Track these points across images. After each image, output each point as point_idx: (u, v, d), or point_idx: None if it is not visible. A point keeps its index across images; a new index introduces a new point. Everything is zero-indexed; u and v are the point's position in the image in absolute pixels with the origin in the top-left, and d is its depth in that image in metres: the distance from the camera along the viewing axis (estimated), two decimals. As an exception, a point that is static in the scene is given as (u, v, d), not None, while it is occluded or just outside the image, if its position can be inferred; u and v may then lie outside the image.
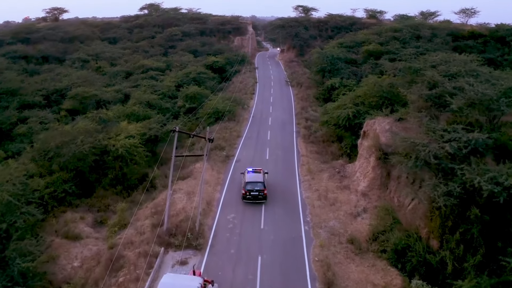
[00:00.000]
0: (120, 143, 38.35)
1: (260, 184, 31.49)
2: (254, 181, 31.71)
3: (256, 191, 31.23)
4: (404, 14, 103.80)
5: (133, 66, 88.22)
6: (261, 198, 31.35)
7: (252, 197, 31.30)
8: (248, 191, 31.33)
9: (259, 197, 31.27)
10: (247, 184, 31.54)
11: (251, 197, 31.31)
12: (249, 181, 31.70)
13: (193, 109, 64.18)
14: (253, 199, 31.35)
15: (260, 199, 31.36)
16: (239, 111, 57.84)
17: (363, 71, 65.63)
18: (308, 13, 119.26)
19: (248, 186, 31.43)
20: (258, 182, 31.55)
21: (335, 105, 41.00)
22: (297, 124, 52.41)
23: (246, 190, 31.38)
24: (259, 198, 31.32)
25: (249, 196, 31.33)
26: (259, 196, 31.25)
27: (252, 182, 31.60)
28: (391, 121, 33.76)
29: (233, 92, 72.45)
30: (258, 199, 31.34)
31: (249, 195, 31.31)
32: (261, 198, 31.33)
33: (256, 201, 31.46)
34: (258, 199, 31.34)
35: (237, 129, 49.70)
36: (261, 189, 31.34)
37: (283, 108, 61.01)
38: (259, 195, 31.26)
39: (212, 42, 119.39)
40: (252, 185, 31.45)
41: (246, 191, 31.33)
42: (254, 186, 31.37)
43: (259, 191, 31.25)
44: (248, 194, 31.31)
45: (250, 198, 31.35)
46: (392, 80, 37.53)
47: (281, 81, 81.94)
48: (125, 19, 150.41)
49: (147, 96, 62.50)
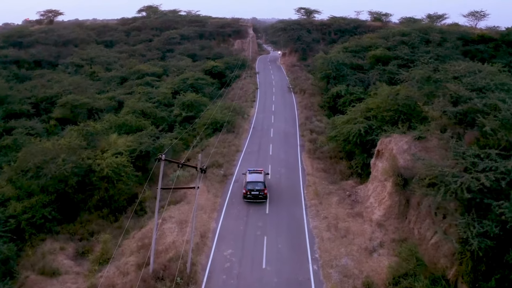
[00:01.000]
0: (106, 162, 34.60)
1: (261, 184, 32.33)
2: (254, 181, 32.58)
3: (257, 190, 32.08)
4: (410, 17, 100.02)
5: (128, 71, 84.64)
6: (261, 198, 32.14)
7: (253, 197, 32.11)
8: (248, 191, 32.12)
9: (260, 197, 32.11)
10: (248, 184, 32.41)
11: (251, 196, 32.10)
12: (250, 181, 32.60)
13: (190, 117, 60.61)
14: (254, 198, 32.12)
15: (260, 198, 32.12)
16: (238, 121, 54.07)
17: (371, 78, 61.86)
18: (311, 16, 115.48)
19: (249, 185, 32.26)
20: (259, 182, 32.40)
21: (345, 119, 37.08)
22: (301, 136, 48.61)
23: (247, 189, 32.18)
24: (260, 198, 32.11)
25: (249, 196, 32.12)
26: (260, 196, 32.10)
27: (253, 182, 32.46)
28: (409, 140, 29.93)
29: (232, 99, 68.73)
30: (258, 199, 32.10)
31: (250, 195, 32.10)
32: (262, 197, 32.16)
33: (257, 200, 32.15)
34: (258, 199, 32.10)
35: (236, 143, 45.89)
36: (261, 189, 32.14)
37: (286, 117, 57.22)
38: (260, 195, 32.07)
39: (211, 46, 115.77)
40: (253, 184, 32.29)
41: (247, 191, 32.15)
42: (255, 186, 32.20)
43: (259, 191, 32.07)
44: (248, 194, 32.12)
45: (251, 198, 32.13)
46: (409, 92, 33.60)
47: (283, 87, 78.16)
48: (122, 21, 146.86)
49: (141, 104, 58.87)
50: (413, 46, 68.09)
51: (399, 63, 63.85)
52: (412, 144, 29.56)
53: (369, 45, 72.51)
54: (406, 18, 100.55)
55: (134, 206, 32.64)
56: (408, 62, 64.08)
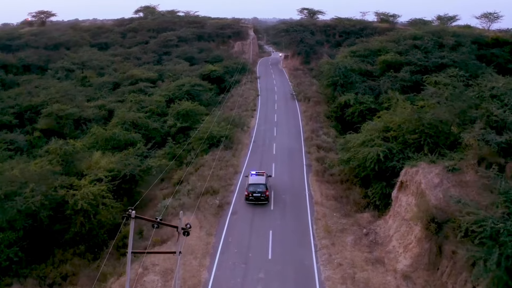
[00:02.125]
0: (81, 193, 29.72)
1: (262, 186, 32.51)
2: (256, 183, 32.74)
3: (258, 192, 32.29)
4: (420, 18, 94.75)
5: (121, 77, 79.73)
6: (263, 199, 32.40)
7: (255, 198, 32.35)
8: (250, 193, 32.39)
9: (261, 198, 32.35)
10: (249, 186, 32.64)
11: (253, 198, 32.36)
12: (252, 183, 32.78)
13: (186, 128, 55.85)
14: (256, 200, 32.35)
15: (262, 200, 32.34)
16: (237, 135, 49.15)
17: (382, 85, 56.88)
18: (314, 17, 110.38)
19: (250, 188, 32.50)
20: (260, 184, 32.60)
21: (360, 140, 31.97)
22: (308, 153, 43.65)
23: (248, 191, 32.46)
24: (261, 200, 32.37)
25: (251, 198, 32.40)
26: (261, 197, 32.33)
27: (255, 184, 32.64)
28: (440, 171, 25.01)
29: (231, 107, 63.84)
30: (260, 200, 32.31)
31: (252, 197, 32.35)
32: (263, 199, 32.40)
33: (259, 202, 32.31)
34: (260, 200, 32.31)
35: (234, 162, 40.93)
36: (263, 191, 32.38)
37: (290, 130, 52.24)
38: (261, 197, 32.33)
39: (210, 48, 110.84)
40: (255, 186, 32.48)
41: (249, 193, 32.41)
42: (257, 188, 32.39)
43: (261, 193, 32.32)
44: (250, 196, 32.37)
45: (253, 200, 32.40)
46: (438, 112, 28.54)
47: (286, 94, 73.16)
48: (118, 22, 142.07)
49: (132, 114, 54.14)
50: (426, 50, 63.04)
51: (412, 69, 58.89)
52: (444, 177, 24.63)
53: (379, 49, 67.47)
54: (415, 19, 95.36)
55: (115, 242, 27.89)
56: (422, 68, 59.29)
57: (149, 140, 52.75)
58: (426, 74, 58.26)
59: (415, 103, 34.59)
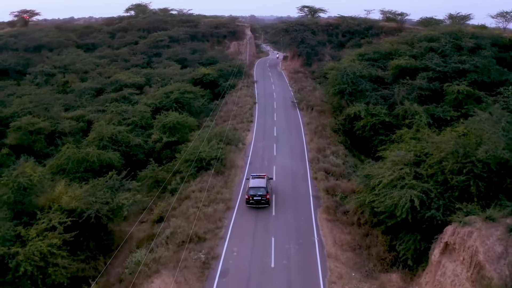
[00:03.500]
0: (26, 252, 22.80)
1: (263, 189, 32.11)
2: (257, 186, 32.32)
3: (259, 196, 31.88)
4: (430, 17, 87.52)
5: (105, 82, 72.59)
6: (263, 203, 31.97)
7: (255, 202, 31.97)
8: (251, 196, 31.98)
9: (262, 202, 31.92)
10: (250, 189, 32.27)
11: (254, 201, 31.97)
12: (252, 187, 32.41)
13: (173, 143, 49.12)
14: (256, 203, 31.98)
15: (263, 203, 31.97)
16: (231, 156, 42.27)
17: (396, 95, 50.02)
18: (315, 15, 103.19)
19: (251, 191, 32.14)
20: (261, 188, 32.20)
21: (386, 179, 24.89)
22: (314, 180, 36.87)
23: (249, 195, 32.09)
24: (262, 203, 31.96)
25: (252, 201, 32.01)
26: (262, 201, 31.90)
27: (255, 188, 32.24)
28: (504, 234, 18.24)
29: (225, 118, 56.96)
30: (261, 204, 31.96)
31: (252, 200, 31.96)
32: (264, 203, 31.95)
33: (259, 205, 31.99)
34: (261, 204, 31.96)
35: (226, 196, 34.04)
36: (264, 194, 31.92)
37: (292, 147, 45.36)
38: (262, 200, 31.90)
39: (204, 49, 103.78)
40: (255, 190, 32.11)
41: (249, 196, 32.02)
42: (257, 191, 32.00)
43: (261, 196, 31.88)
44: (251, 199, 31.99)
45: (253, 203, 32.02)
46: (495, 146, 21.65)
47: (286, 101, 66.22)
48: (107, 21, 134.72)
49: (111, 129, 47.39)
50: (444, 54, 56.16)
51: (430, 75, 52.07)
52: (510, 244, 17.85)
53: (390, 52, 60.61)
54: (425, 18, 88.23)
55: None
56: (440, 75, 52.44)
57: (130, 159, 46.28)
58: (445, 81, 51.63)
59: (454, 128, 27.62)
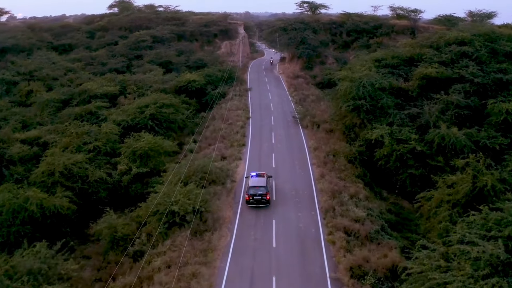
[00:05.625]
0: None
1: (263, 188, 31.37)
2: (256, 185, 31.61)
3: (259, 195, 31.05)
4: (449, 14, 76.70)
5: (72, 92, 61.28)
6: (264, 202, 31.14)
7: (256, 202, 31.11)
8: (251, 196, 31.09)
9: (262, 201, 31.09)
10: (249, 189, 31.57)
11: (254, 201, 31.14)
12: (252, 186, 31.68)
13: (146, 175, 38.81)
14: (256, 203, 31.09)
15: (263, 203, 31.14)
16: (215, 204, 31.40)
17: (427, 114, 39.28)
18: (316, 12, 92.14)
19: (250, 190, 31.40)
20: (261, 187, 31.44)
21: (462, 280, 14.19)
22: (330, 244, 26.11)
23: (249, 194, 31.19)
24: (262, 202, 31.10)
25: (252, 201, 31.16)
26: (262, 200, 31.08)
27: (255, 187, 31.51)
28: None
29: (211, 141, 46.02)
30: (261, 203, 31.13)
31: (252, 199, 31.10)
32: (264, 202, 31.15)
33: (260, 205, 31.02)
34: (261, 203, 31.13)
35: (205, 277, 23.08)
36: (264, 193, 31.11)
37: (297, 189, 34.42)
38: (262, 199, 31.05)
39: (192, 50, 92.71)
40: (255, 189, 31.37)
41: (249, 196, 31.13)
42: (257, 191, 31.28)
43: (261, 195, 31.03)
44: (251, 199, 31.10)
45: (254, 203, 31.15)
46: None
47: (286, 115, 55.35)
48: (88, 19, 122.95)
49: (65, 159, 36.82)
50: (480, 60, 45.48)
51: (466, 88, 41.43)
52: None
53: (411, 57, 49.88)
54: (443, 16, 77.44)
55: None
56: (480, 88, 41.75)
57: (88, 198, 35.82)
58: (484, 96, 40.95)
59: None
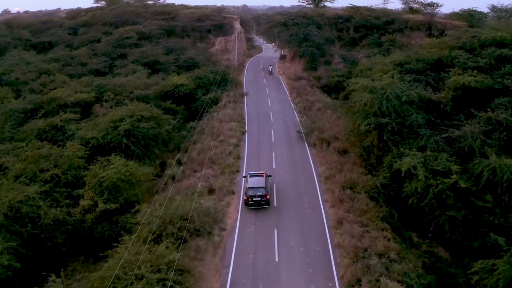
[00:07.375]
0: None
1: (262, 189, 30.10)
2: (256, 186, 30.28)
3: (258, 196, 29.97)
4: (472, 9, 67.72)
5: (40, 100, 52.61)
6: (263, 204, 30.07)
7: (255, 203, 30.03)
8: (250, 197, 29.95)
9: (262, 203, 30.05)
10: (248, 190, 30.29)
11: (253, 202, 30.05)
12: (251, 187, 30.37)
13: (114, 212, 30.60)
14: (256, 204, 30.01)
15: (263, 204, 29.99)
16: (197, 271, 23.11)
17: (469, 137, 30.83)
18: (320, 5, 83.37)
19: (250, 191, 30.17)
20: (260, 188, 30.18)
21: None
22: None
23: (248, 196, 30.01)
24: (262, 204, 30.03)
25: (251, 202, 30.06)
26: (262, 202, 30.04)
27: (254, 188, 30.21)
28: None
29: (196, 166, 37.57)
30: (260, 205, 29.92)
31: (251, 201, 30.02)
32: (264, 203, 30.08)
33: (259, 206, 29.81)
34: (260, 205, 29.92)
35: None
36: (263, 194, 29.98)
37: (306, 244, 26.17)
38: (262, 201, 29.99)
39: (183, 47, 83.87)
40: (254, 190, 30.15)
41: (248, 197, 30.00)
42: (256, 192, 30.04)
43: (261, 197, 29.93)
44: (250, 200, 30.01)
45: (253, 204, 30.07)
46: None
47: (289, 128, 47.00)
48: (72, 14, 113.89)
49: (13, 194, 28.89)
50: (524, 65, 37.08)
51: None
52: None
53: (438, 59, 41.40)
54: (464, 10, 68.73)
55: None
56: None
57: (41, 245, 27.91)
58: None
59: None
